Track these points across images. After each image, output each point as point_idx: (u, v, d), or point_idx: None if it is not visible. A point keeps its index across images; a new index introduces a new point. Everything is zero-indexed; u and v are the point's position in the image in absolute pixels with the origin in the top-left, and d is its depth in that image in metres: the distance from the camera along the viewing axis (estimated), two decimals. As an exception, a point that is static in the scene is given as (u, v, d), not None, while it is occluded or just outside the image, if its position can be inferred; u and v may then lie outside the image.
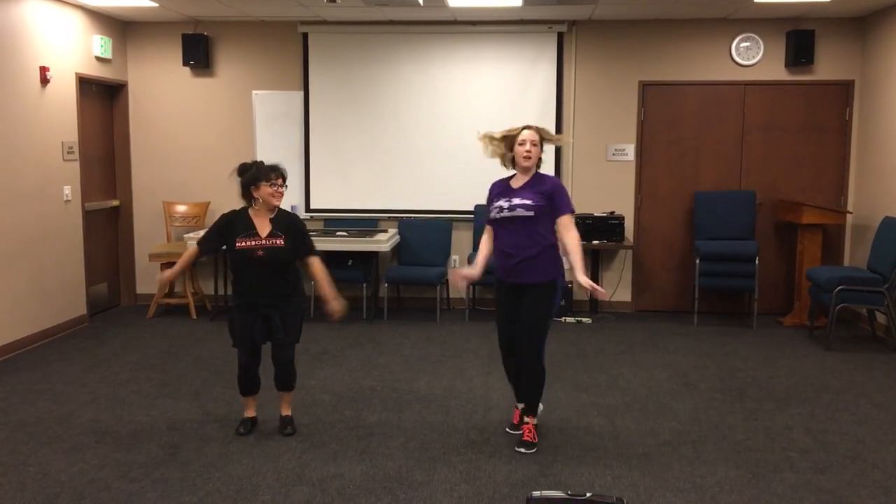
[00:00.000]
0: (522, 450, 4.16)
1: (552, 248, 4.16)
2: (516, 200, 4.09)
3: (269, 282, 4.21)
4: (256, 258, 4.16)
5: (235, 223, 4.22)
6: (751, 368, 5.77)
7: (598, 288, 4.11)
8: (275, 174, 4.17)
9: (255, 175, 4.18)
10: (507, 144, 4.20)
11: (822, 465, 4.02)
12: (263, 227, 4.21)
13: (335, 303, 4.27)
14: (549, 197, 4.11)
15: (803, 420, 4.68)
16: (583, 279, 4.04)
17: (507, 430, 4.44)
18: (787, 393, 5.19)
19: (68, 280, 6.84)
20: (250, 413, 4.48)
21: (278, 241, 4.19)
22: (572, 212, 4.18)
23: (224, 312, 7.56)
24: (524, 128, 4.17)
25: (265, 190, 4.15)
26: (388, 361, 5.91)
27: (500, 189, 4.24)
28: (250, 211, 4.24)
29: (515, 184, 4.20)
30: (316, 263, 4.33)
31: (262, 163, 4.26)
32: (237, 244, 4.17)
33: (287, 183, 4.28)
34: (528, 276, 4.13)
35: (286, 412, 4.48)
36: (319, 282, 4.32)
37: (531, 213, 4.08)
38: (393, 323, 7.20)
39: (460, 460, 4.04)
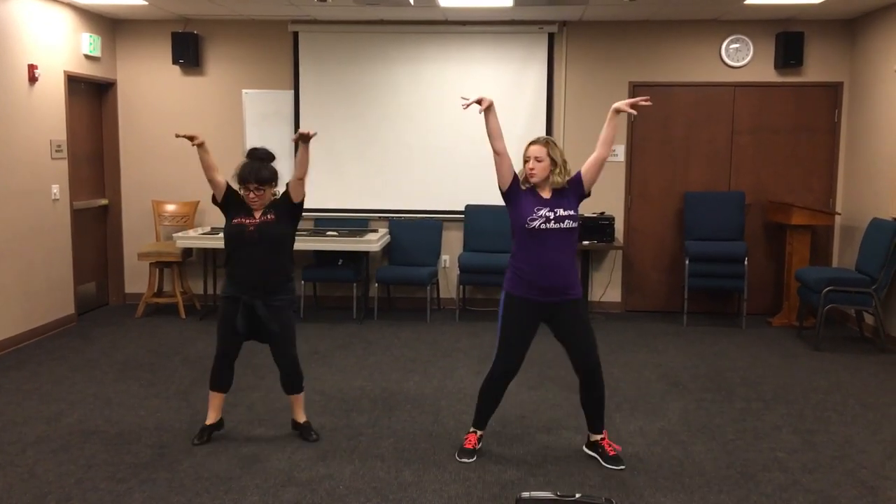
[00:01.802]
0: (622, 466, 3.95)
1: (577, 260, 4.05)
2: (561, 211, 3.84)
3: (260, 265, 4.09)
4: (248, 234, 4.06)
5: (239, 201, 4.15)
6: (740, 368, 5.79)
7: (641, 101, 3.95)
8: (248, 180, 4.04)
9: (236, 176, 4.11)
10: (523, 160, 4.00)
11: (811, 464, 4.03)
12: (258, 213, 4.15)
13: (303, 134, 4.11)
14: (576, 188, 3.94)
15: (792, 420, 4.70)
16: (619, 104, 3.90)
17: (457, 457, 4.04)
18: (775, 393, 5.21)
19: (56, 279, 6.80)
20: (211, 418, 4.28)
21: (269, 217, 4.11)
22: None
23: (213, 312, 7.53)
24: (531, 143, 3.99)
25: (243, 194, 4.11)
26: (378, 361, 5.90)
27: (530, 194, 3.93)
28: None
29: (544, 193, 3.92)
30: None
31: (250, 161, 4.11)
32: (233, 219, 4.11)
33: (269, 181, 4.11)
34: (572, 292, 3.91)
35: (301, 418, 4.35)
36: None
37: (576, 226, 3.89)
38: (383, 323, 7.19)
39: (450, 460, 4.04)
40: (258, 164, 4.10)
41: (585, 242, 7.25)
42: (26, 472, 3.87)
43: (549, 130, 7.56)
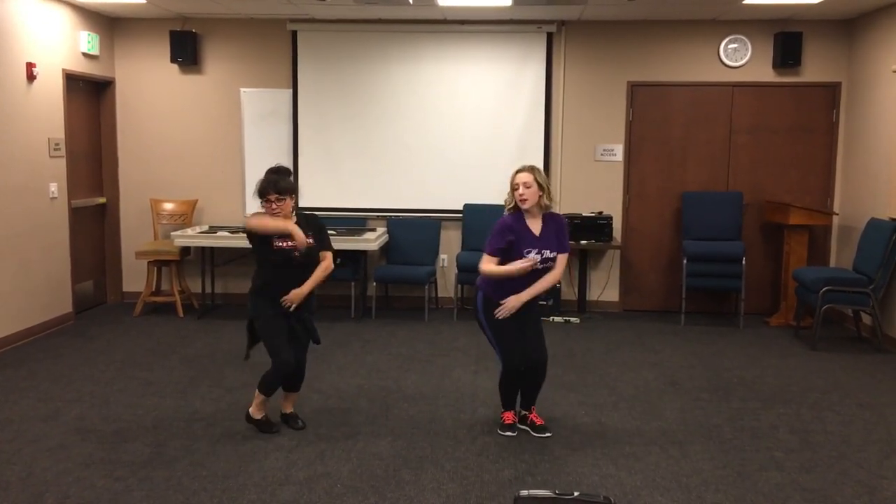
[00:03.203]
0: (548, 434, 4.35)
1: None
2: (547, 253, 4.21)
3: (299, 282, 4.25)
4: (294, 258, 4.20)
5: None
6: (737, 368, 5.80)
7: (506, 310, 4.24)
8: (268, 192, 4.15)
9: (256, 192, 4.21)
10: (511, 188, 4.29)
11: (808, 464, 4.04)
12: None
13: (303, 289, 4.26)
14: (557, 233, 4.28)
15: (789, 420, 4.70)
16: (514, 300, 4.21)
17: (500, 432, 4.40)
18: (772, 392, 5.22)
19: (54, 277, 6.80)
20: (288, 408, 4.52)
21: (310, 240, 4.21)
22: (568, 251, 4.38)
23: (210, 311, 7.53)
24: (518, 171, 4.24)
25: (264, 207, 4.21)
26: (376, 360, 5.90)
27: (520, 231, 4.22)
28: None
29: (534, 227, 4.24)
30: (327, 260, 4.35)
31: (268, 176, 4.22)
32: (275, 244, 4.20)
33: (288, 191, 4.19)
34: (542, 296, 4.38)
35: (289, 409, 4.53)
36: (316, 275, 4.31)
37: (554, 264, 4.27)
38: (381, 322, 7.19)
39: (448, 459, 4.04)
40: (276, 177, 4.22)
41: (583, 242, 7.27)
42: (24, 470, 3.87)
43: (547, 130, 7.57)
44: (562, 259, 4.29)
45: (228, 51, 7.74)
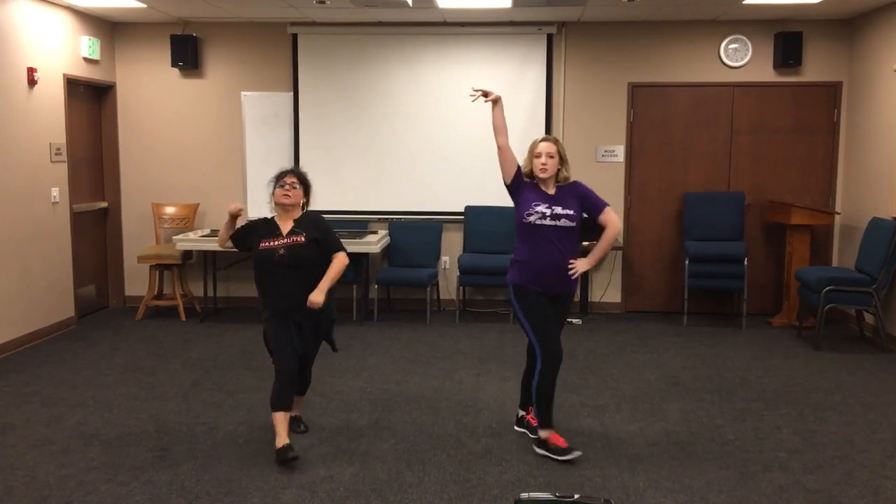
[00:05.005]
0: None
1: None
2: (559, 209, 4.06)
3: (295, 285, 4.09)
4: (278, 257, 4.09)
5: (262, 226, 4.22)
6: (740, 369, 5.79)
7: (577, 271, 4.12)
8: (286, 175, 4.23)
9: (272, 183, 4.24)
10: (530, 155, 4.20)
11: (811, 465, 4.03)
12: (286, 227, 4.19)
13: (317, 294, 4.06)
14: (582, 201, 4.15)
15: (792, 420, 4.70)
16: (582, 263, 4.11)
17: (557, 457, 4.07)
18: (775, 393, 5.21)
19: (56, 282, 6.81)
20: (284, 439, 3.99)
21: (298, 238, 4.13)
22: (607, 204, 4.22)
23: (212, 314, 7.54)
24: (542, 139, 4.18)
25: (276, 193, 4.20)
26: (379, 363, 5.90)
27: (533, 188, 4.14)
28: (276, 217, 4.26)
29: (548, 189, 4.14)
30: (338, 258, 4.18)
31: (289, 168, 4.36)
32: (261, 244, 4.13)
33: (305, 180, 4.29)
34: (568, 286, 4.16)
35: (294, 413, 4.42)
36: (328, 273, 4.13)
37: (573, 224, 4.09)
38: (383, 324, 7.19)
39: (450, 462, 4.04)
40: (297, 167, 4.40)
41: (585, 243, 7.21)
42: (27, 474, 3.87)
43: (548, 131, 7.56)
44: (609, 212, 4.16)
45: (229, 54, 7.75)
